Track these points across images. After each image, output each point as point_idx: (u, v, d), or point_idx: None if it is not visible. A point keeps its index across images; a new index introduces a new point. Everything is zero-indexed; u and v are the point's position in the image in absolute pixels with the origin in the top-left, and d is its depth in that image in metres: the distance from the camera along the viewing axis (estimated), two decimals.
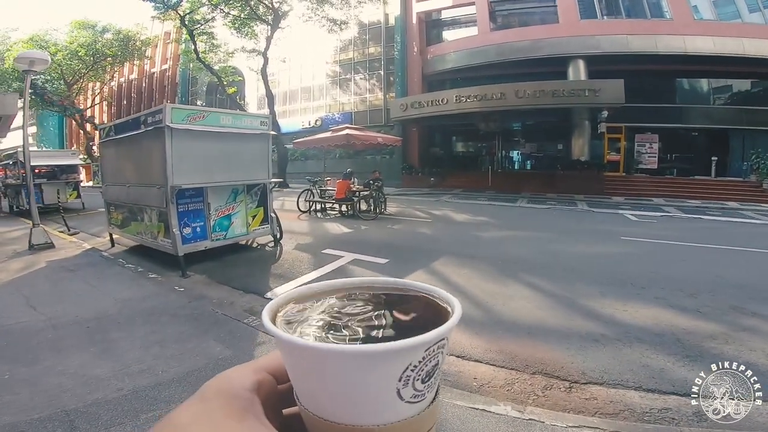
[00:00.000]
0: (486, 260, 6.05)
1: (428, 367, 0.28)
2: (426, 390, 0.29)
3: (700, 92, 19.26)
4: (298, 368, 0.30)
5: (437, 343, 0.28)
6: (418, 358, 0.27)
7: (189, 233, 5.76)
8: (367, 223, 9.73)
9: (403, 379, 0.27)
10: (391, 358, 0.27)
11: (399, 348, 0.26)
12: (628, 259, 6.35)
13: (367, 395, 0.28)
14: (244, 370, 0.32)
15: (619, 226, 9.66)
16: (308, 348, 0.28)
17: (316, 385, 0.29)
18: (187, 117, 5.50)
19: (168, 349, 3.42)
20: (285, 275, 5.56)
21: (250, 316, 4.12)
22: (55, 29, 27.40)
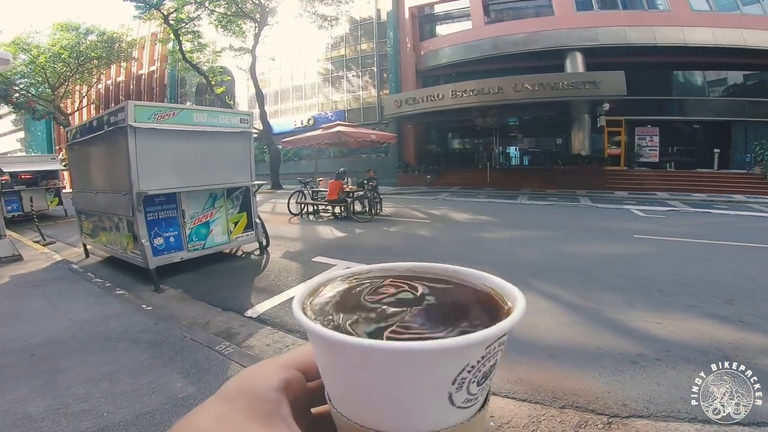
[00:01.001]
0: (492, 265, 5.47)
1: (486, 367, 0.25)
2: (479, 393, 0.25)
3: (700, 84, 18.92)
4: (334, 367, 0.26)
5: (498, 339, 0.24)
6: (477, 358, 0.24)
7: (161, 244, 5.15)
8: (361, 226, 9.14)
9: (457, 382, 0.24)
10: (447, 358, 0.23)
11: (458, 346, 0.23)
12: (647, 260, 5.80)
13: (413, 400, 0.24)
14: (271, 367, 0.29)
15: (627, 223, 9.14)
16: (348, 344, 0.23)
17: (353, 387, 0.25)
18: (153, 115, 4.89)
19: (119, 383, 2.90)
20: (269, 288, 4.96)
21: (223, 342, 3.55)
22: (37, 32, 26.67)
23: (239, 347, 3.55)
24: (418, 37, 21.54)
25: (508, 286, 0.30)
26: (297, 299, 0.29)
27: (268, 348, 3.59)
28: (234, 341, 3.72)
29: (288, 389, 0.28)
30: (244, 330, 3.95)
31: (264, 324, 4.04)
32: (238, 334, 3.89)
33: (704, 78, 18.79)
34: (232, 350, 3.42)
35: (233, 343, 3.69)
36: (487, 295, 0.30)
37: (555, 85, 15.06)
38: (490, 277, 0.32)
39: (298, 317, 0.27)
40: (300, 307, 0.28)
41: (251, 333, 3.87)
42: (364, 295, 0.31)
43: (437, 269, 0.35)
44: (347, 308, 0.29)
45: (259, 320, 4.13)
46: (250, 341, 3.72)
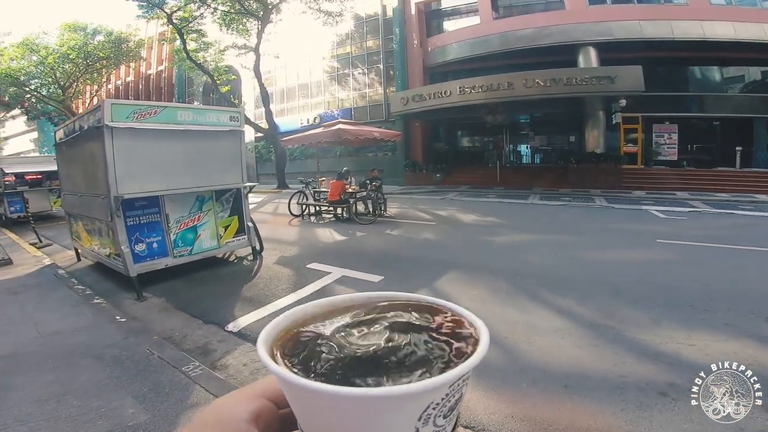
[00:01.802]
0: (502, 275, 5.01)
1: (451, 402, 0.26)
2: (446, 424, 0.26)
3: (720, 80, 18.18)
4: (305, 409, 0.27)
5: (461, 377, 0.25)
6: (440, 396, 0.25)
7: (143, 250, 4.82)
8: (363, 228, 8.73)
9: (423, 419, 0.25)
10: (411, 400, 0.24)
11: (420, 390, 0.24)
12: (673, 269, 5.28)
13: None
14: (239, 398, 0.29)
15: (648, 225, 8.57)
16: (317, 391, 0.24)
17: (323, 426, 0.26)
18: (132, 114, 4.56)
19: (67, 405, 2.61)
20: (256, 299, 4.59)
21: (192, 362, 3.19)
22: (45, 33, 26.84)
23: (211, 367, 3.23)
24: (425, 33, 21.02)
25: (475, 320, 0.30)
26: (261, 341, 0.28)
27: (244, 368, 3.23)
28: (209, 359, 3.40)
29: (258, 419, 0.27)
30: (222, 346, 3.61)
31: (244, 340, 3.68)
32: (215, 350, 3.55)
33: (724, 73, 18.03)
34: (200, 372, 3.07)
35: (208, 360, 3.38)
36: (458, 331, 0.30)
37: (568, 80, 14.44)
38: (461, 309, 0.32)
39: (265, 361, 0.26)
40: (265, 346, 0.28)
41: (229, 350, 3.52)
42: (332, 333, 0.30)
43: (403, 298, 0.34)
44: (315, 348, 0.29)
45: (240, 335, 3.78)
46: (226, 359, 3.37)
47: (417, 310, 0.33)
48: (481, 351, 0.27)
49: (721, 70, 18.00)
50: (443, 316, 0.32)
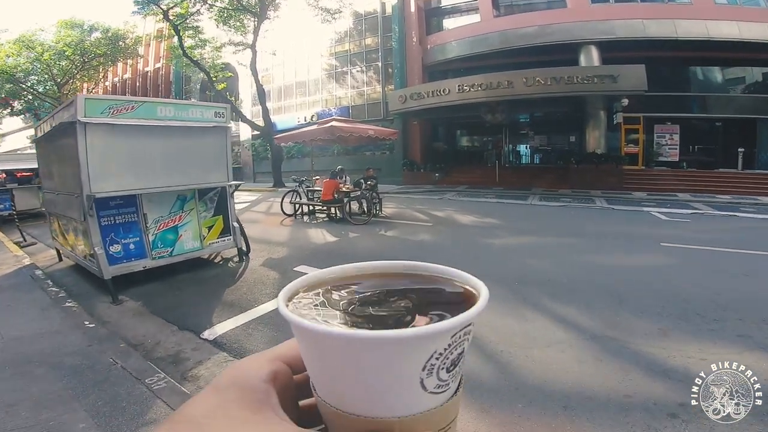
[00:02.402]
0: (499, 281, 4.74)
1: (453, 355, 0.26)
2: (450, 380, 0.27)
3: (723, 80, 17.96)
4: (315, 357, 0.28)
5: (463, 329, 0.26)
6: (443, 346, 0.25)
7: (118, 251, 4.56)
8: (357, 229, 8.46)
9: (427, 368, 0.25)
10: (416, 345, 0.25)
11: (424, 334, 0.25)
12: (679, 275, 5.02)
13: (388, 385, 0.26)
14: (260, 360, 0.30)
15: (650, 228, 8.31)
16: (326, 334, 0.25)
17: (334, 375, 0.27)
18: (107, 109, 4.30)
19: (15, 418, 2.42)
20: (237, 304, 4.33)
21: (157, 374, 2.95)
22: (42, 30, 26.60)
23: (180, 378, 3.02)
24: (425, 31, 20.76)
25: (474, 280, 0.32)
26: (282, 295, 0.30)
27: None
28: (179, 369, 3.16)
29: (275, 380, 0.29)
30: (195, 355, 3.36)
31: (220, 349, 3.43)
32: (187, 359, 3.31)
33: (727, 74, 17.80)
34: (163, 385, 2.82)
35: (178, 370, 3.15)
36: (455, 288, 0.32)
37: (569, 79, 14.18)
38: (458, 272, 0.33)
39: (282, 311, 0.28)
40: (284, 302, 0.30)
41: (202, 359, 3.28)
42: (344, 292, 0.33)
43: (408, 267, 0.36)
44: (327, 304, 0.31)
45: (216, 344, 3.52)
46: (197, 370, 3.13)
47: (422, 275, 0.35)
48: (481, 304, 0.28)
49: (724, 71, 17.78)
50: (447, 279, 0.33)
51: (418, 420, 0.27)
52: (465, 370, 0.30)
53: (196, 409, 0.26)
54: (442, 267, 0.35)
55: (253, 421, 0.25)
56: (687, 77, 17.89)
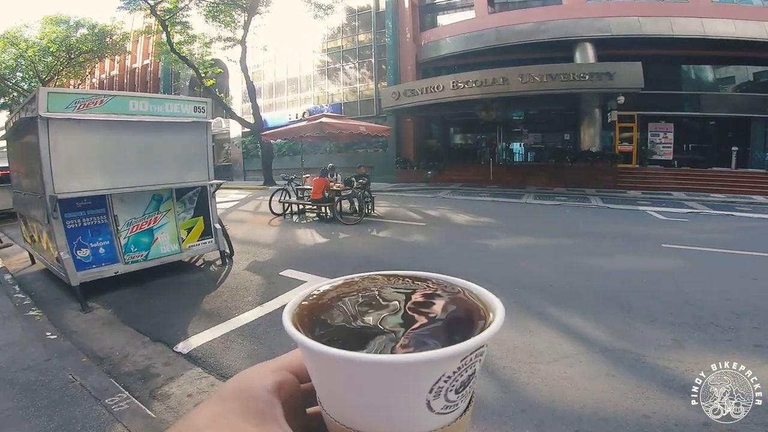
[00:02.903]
0: (498, 286, 4.45)
1: (463, 377, 0.25)
2: (459, 400, 0.26)
3: (718, 79, 17.84)
4: (321, 375, 0.28)
5: (475, 351, 0.25)
6: (453, 369, 0.24)
7: (87, 256, 4.21)
8: (348, 229, 8.14)
9: (434, 391, 0.25)
10: (423, 370, 0.24)
11: (432, 359, 0.24)
12: (686, 279, 4.79)
13: (394, 407, 0.25)
14: (265, 370, 0.30)
15: (649, 228, 8.10)
16: (331, 356, 0.25)
17: (339, 393, 0.27)
18: (73, 103, 3.97)
19: None
20: (217, 312, 4.00)
21: (119, 393, 2.66)
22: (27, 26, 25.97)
23: (149, 396, 2.73)
24: (419, 28, 20.43)
25: (489, 295, 0.31)
26: (287, 311, 0.30)
27: (188, 399, 2.69)
28: (147, 386, 2.86)
29: (281, 391, 0.28)
30: (166, 370, 3.05)
31: (194, 364, 3.11)
32: (157, 375, 3.00)
33: (722, 73, 17.71)
34: (125, 406, 2.53)
35: (147, 387, 2.85)
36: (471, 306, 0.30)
37: (566, 76, 13.94)
38: (473, 285, 0.32)
39: (288, 329, 0.27)
40: (290, 317, 0.29)
41: (174, 376, 2.97)
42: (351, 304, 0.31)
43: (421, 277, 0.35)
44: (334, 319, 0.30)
45: (190, 358, 3.21)
46: (168, 387, 2.83)
47: (433, 287, 0.33)
48: (495, 326, 0.26)
49: (719, 69, 17.67)
50: (459, 293, 0.32)
51: None
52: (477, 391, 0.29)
53: (199, 418, 0.26)
54: (454, 279, 0.33)
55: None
56: (682, 76, 17.78)
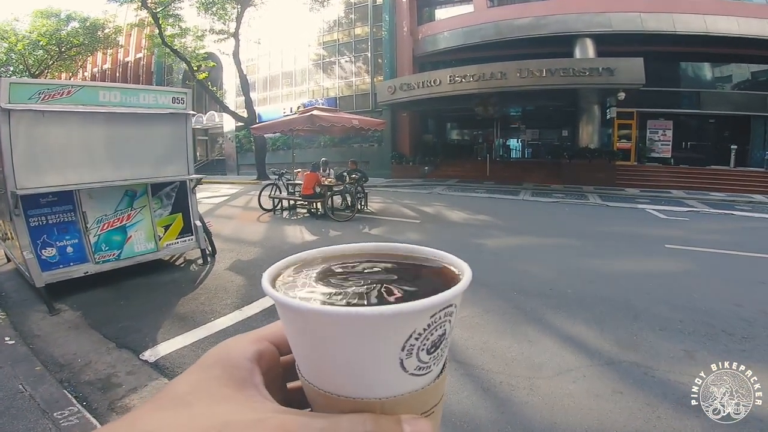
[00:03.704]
0: (495, 290, 4.19)
1: (434, 336, 0.26)
2: (432, 362, 0.27)
3: (719, 76, 17.63)
4: (298, 335, 0.28)
5: (444, 309, 0.25)
6: (422, 326, 0.25)
7: (53, 256, 3.92)
8: (339, 226, 7.86)
9: (406, 349, 0.25)
10: (394, 323, 0.24)
11: (401, 311, 0.24)
12: (693, 282, 4.55)
13: (368, 364, 0.25)
14: (245, 339, 0.31)
15: (650, 228, 7.86)
16: (305, 310, 0.25)
17: (316, 354, 0.27)
18: (37, 94, 3.69)
19: None
20: (191, 317, 3.72)
21: (70, 407, 2.44)
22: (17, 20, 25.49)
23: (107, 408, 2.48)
24: (416, 21, 20.05)
25: (458, 260, 0.31)
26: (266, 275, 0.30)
27: None
28: (107, 397, 2.61)
29: (261, 360, 0.29)
30: (129, 380, 2.80)
31: (160, 374, 2.85)
32: (119, 385, 2.75)
33: (722, 70, 17.49)
34: (74, 420, 2.32)
35: (106, 399, 2.59)
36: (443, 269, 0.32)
37: (565, 71, 13.66)
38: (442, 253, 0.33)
39: (265, 288, 0.28)
40: (268, 280, 0.30)
41: (137, 386, 2.72)
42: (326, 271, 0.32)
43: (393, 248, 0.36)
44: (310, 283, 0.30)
45: (156, 367, 2.94)
46: (129, 399, 2.60)
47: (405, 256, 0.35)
48: (462, 285, 0.27)
49: (719, 67, 17.45)
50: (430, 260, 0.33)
51: (400, 402, 0.26)
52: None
53: (180, 386, 0.26)
54: (425, 248, 0.34)
55: (236, 399, 0.25)
56: (682, 73, 17.56)
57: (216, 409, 0.24)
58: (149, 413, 0.24)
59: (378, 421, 0.25)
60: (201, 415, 0.24)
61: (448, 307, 0.26)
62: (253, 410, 0.25)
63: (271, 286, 0.29)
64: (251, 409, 0.25)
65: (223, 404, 0.25)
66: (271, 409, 0.26)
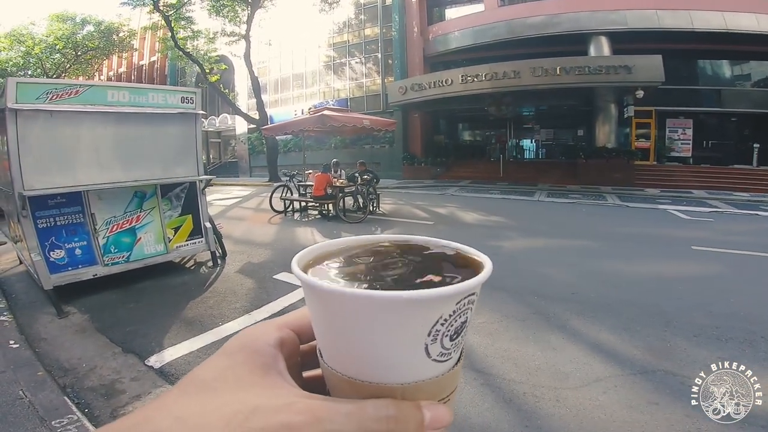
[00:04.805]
0: (514, 294, 4.00)
1: (457, 323, 0.27)
2: (453, 349, 0.28)
3: (739, 74, 17.05)
4: (325, 319, 0.28)
5: (468, 297, 0.26)
6: (449, 311, 0.26)
7: (61, 258, 3.86)
8: (350, 228, 7.74)
9: (432, 334, 0.26)
10: (424, 307, 0.25)
11: (431, 296, 0.25)
12: (724, 286, 4.30)
13: (395, 350, 0.26)
14: (268, 327, 0.31)
15: (674, 228, 7.56)
16: (337, 293, 0.26)
17: (342, 339, 0.27)
18: (45, 94, 3.64)
19: None
20: (199, 321, 3.62)
21: (69, 415, 2.35)
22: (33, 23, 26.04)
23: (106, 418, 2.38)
24: (426, 21, 19.87)
25: (478, 252, 0.32)
26: (296, 259, 0.30)
27: None
28: (110, 404, 2.52)
29: (283, 346, 0.29)
30: (133, 387, 2.71)
31: (165, 380, 2.76)
32: (123, 392, 2.67)
33: (743, 68, 16.93)
34: (73, 429, 2.29)
35: (108, 406, 2.51)
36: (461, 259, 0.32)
37: (581, 69, 13.35)
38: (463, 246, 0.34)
39: (295, 271, 0.28)
40: (297, 263, 0.30)
41: (141, 393, 2.62)
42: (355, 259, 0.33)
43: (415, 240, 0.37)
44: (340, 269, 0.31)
45: (161, 373, 2.84)
46: (132, 407, 2.56)
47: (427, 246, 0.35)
48: (485, 274, 0.27)
49: (741, 64, 16.91)
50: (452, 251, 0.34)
51: (420, 388, 0.27)
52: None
53: (206, 372, 0.26)
54: (448, 242, 0.35)
55: (261, 385, 0.26)
56: (701, 70, 17.07)
57: (243, 395, 0.24)
58: (176, 399, 0.24)
59: (400, 406, 0.25)
60: (229, 400, 0.24)
61: (471, 295, 0.26)
62: (279, 396, 0.25)
63: (298, 267, 0.29)
64: (277, 395, 0.25)
65: (250, 390, 0.25)
66: (297, 394, 0.26)
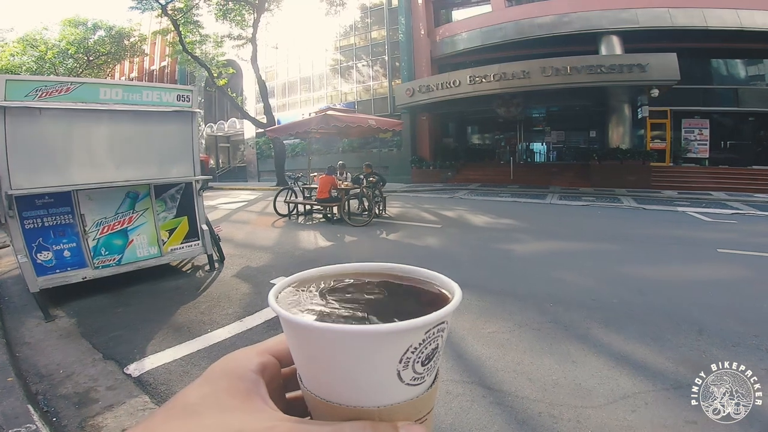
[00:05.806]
0: (528, 301, 3.71)
1: (428, 350, 0.28)
2: (425, 373, 0.29)
3: (757, 72, 16.50)
4: (302, 349, 0.29)
5: (437, 326, 0.28)
6: (418, 340, 0.27)
7: (49, 260, 3.69)
8: (355, 231, 7.49)
9: (403, 361, 0.27)
10: (393, 339, 0.26)
11: (400, 329, 0.26)
12: (753, 290, 3.96)
13: (368, 376, 0.27)
14: (249, 352, 0.32)
15: (696, 231, 7.18)
16: (311, 327, 0.27)
17: (318, 366, 0.29)
18: (34, 91, 3.50)
19: None
20: (188, 327, 3.41)
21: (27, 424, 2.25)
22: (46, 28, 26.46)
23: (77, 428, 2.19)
24: (433, 23, 19.66)
25: (449, 281, 0.33)
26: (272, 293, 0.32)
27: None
28: (80, 414, 2.33)
29: (264, 371, 0.30)
30: (108, 396, 2.52)
31: (142, 390, 2.54)
32: (96, 401, 2.46)
33: (760, 67, 16.40)
34: None
35: (78, 416, 2.32)
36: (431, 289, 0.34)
37: (593, 68, 12.98)
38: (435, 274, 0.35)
39: (272, 305, 0.30)
40: (274, 297, 0.31)
41: (114, 403, 2.42)
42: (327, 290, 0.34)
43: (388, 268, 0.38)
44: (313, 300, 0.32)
45: (139, 383, 2.63)
46: (102, 418, 2.32)
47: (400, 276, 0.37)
48: (453, 305, 0.29)
49: (758, 63, 16.40)
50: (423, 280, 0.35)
51: (396, 410, 0.28)
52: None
53: (189, 397, 0.27)
54: (421, 270, 0.36)
55: (243, 409, 0.26)
56: (716, 69, 16.56)
57: (226, 418, 0.25)
58: (162, 423, 0.25)
59: (377, 427, 0.26)
60: (213, 423, 0.25)
61: (441, 323, 0.28)
62: (262, 419, 0.26)
63: (275, 301, 0.30)
64: (259, 418, 0.26)
65: (233, 414, 0.26)
66: (278, 417, 0.27)
